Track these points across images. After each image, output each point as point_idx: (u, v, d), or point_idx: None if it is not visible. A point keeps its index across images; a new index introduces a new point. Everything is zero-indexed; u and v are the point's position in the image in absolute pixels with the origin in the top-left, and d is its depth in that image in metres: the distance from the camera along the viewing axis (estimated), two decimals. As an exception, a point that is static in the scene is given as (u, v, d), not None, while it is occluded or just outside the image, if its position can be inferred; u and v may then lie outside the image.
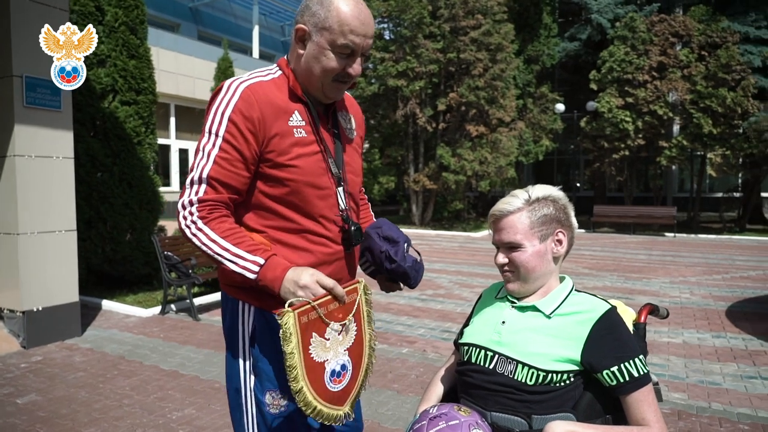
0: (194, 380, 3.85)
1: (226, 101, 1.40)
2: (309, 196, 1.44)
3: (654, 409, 1.30)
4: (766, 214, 18.81)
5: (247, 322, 1.48)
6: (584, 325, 1.36)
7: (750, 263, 9.72)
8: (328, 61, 1.40)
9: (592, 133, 16.11)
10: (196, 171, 1.40)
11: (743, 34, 15.21)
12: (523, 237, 1.41)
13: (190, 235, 1.38)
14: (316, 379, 1.28)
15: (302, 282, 1.30)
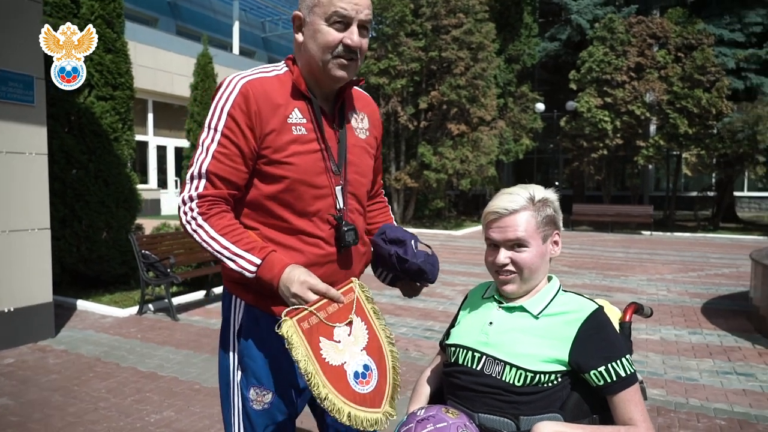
0: (173, 382, 3.78)
1: (226, 96, 1.40)
2: (304, 194, 1.42)
3: (641, 409, 1.30)
4: (738, 213, 19.26)
5: (237, 317, 1.49)
6: (572, 325, 1.35)
7: (723, 261, 9.94)
8: (323, 36, 1.38)
9: (571, 132, 16.29)
10: (195, 166, 1.40)
11: (718, 36, 15.52)
12: (530, 236, 1.38)
13: (191, 231, 1.39)
14: (340, 383, 1.24)
15: (292, 290, 1.29)
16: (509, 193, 1.43)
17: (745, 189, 21.17)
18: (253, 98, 1.38)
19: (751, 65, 15.54)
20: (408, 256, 1.51)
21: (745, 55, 15.42)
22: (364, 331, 1.34)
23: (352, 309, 1.34)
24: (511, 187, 1.46)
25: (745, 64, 15.52)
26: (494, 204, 1.42)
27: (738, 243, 13.04)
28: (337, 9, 1.36)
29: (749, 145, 14.26)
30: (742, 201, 21.03)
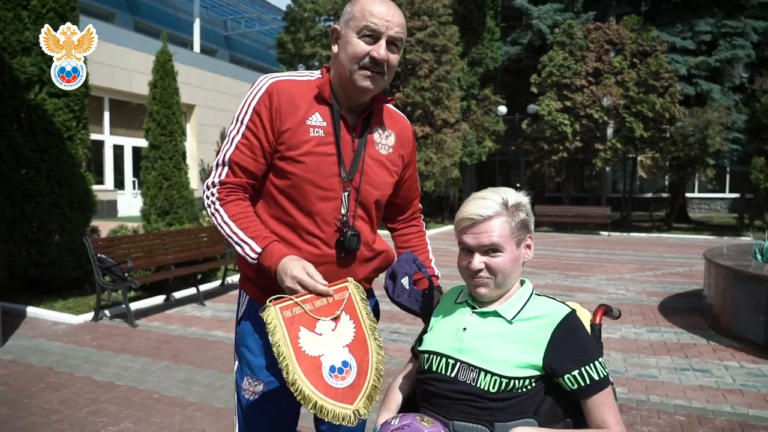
0: (131, 391, 3.63)
1: (254, 93, 1.52)
2: (308, 193, 1.51)
3: (614, 412, 1.30)
4: (690, 213, 20.05)
5: (241, 309, 1.63)
6: (545, 329, 1.34)
7: (677, 260, 10.30)
8: (352, 47, 1.47)
9: (532, 135, 16.61)
10: (221, 154, 1.52)
11: (670, 43, 16.11)
12: (504, 241, 1.37)
13: (210, 214, 1.52)
14: (312, 373, 1.26)
15: (285, 284, 1.38)
16: (482, 198, 1.41)
17: (695, 190, 22.06)
18: (277, 97, 1.49)
19: (701, 72, 16.20)
20: (393, 294, 1.57)
21: (695, 62, 16.06)
22: (351, 329, 1.36)
23: (341, 306, 1.37)
24: (483, 191, 1.44)
25: (696, 71, 16.16)
26: (468, 210, 1.39)
27: (690, 243, 13.56)
28: (368, 23, 1.46)
29: (700, 148, 14.86)
30: (693, 202, 21.90)
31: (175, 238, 6.51)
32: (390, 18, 1.46)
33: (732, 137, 15.52)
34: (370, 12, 1.45)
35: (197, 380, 3.83)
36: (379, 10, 1.46)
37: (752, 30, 16.07)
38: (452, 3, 16.12)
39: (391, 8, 1.49)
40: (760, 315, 4.55)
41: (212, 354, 4.43)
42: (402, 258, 1.65)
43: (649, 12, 17.86)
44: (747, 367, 4.19)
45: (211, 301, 6.44)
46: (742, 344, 4.72)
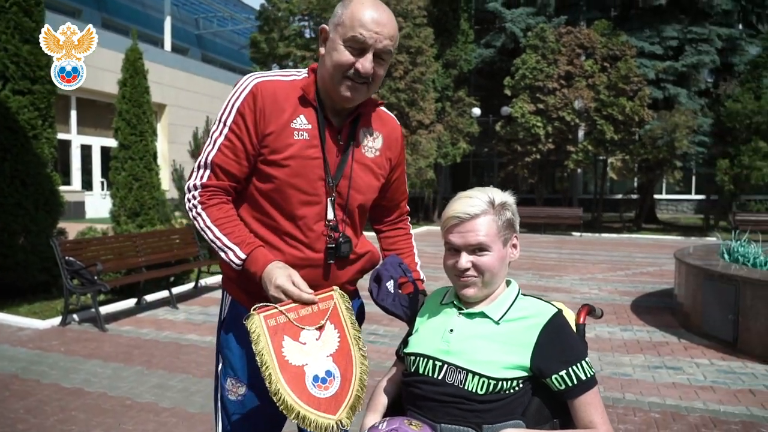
0: (101, 398, 3.52)
1: (238, 93, 1.47)
2: (291, 197, 1.48)
3: (600, 412, 1.30)
4: (658, 214, 20.54)
5: (224, 310, 1.62)
6: (532, 330, 1.33)
7: (647, 260, 10.53)
8: (338, 55, 1.41)
9: (506, 137, 16.79)
10: (203, 156, 1.49)
11: (639, 48, 16.47)
12: (491, 240, 1.35)
13: (192, 218, 1.49)
14: (295, 383, 1.26)
15: (270, 292, 1.37)
16: (469, 197, 1.39)
17: (663, 192, 22.61)
18: (261, 98, 1.45)
19: (669, 76, 16.62)
20: (377, 297, 1.55)
21: (663, 66, 16.46)
22: (335, 339, 1.35)
23: (326, 315, 1.35)
24: (469, 191, 1.42)
25: (664, 75, 16.57)
26: (455, 208, 1.37)
27: (659, 243, 13.89)
28: (356, 34, 1.39)
29: (668, 150, 15.23)
30: (661, 203, 22.44)
31: (147, 239, 6.36)
32: (380, 30, 1.39)
33: (698, 140, 15.95)
34: (360, 22, 1.38)
35: (171, 385, 3.74)
36: (369, 20, 1.38)
37: (716, 36, 16.56)
38: (427, 5, 16.18)
39: (383, 17, 1.41)
40: (728, 313, 4.66)
41: (186, 358, 4.32)
42: (387, 261, 1.63)
43: (618, 17, 18.24)
44: (717, 365, 4.29)
45: (185, 304, 6.30)
46: (711, 342, 4.83)
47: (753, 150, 15.15)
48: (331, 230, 1.51)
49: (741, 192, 16.38)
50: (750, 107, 15.17)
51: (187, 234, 7.08)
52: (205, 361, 4.25)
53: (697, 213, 21.55)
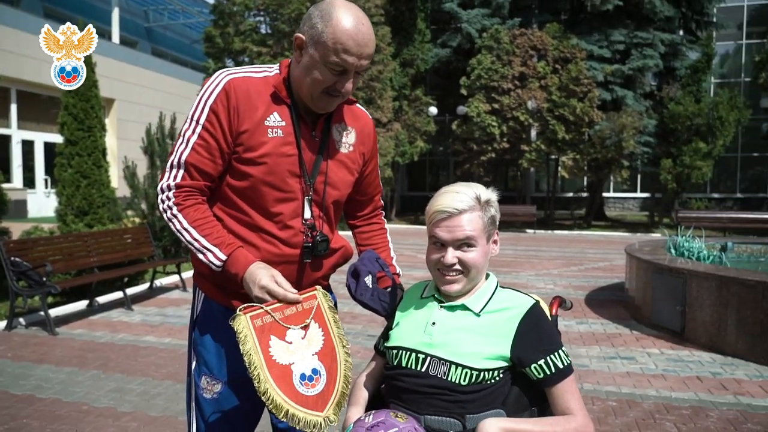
0: (56, 404, 3.37)
1: (210, 91, 1.45)
2: (265, 195, 1.46)
3: (577, 398, 1.34)
4: (606, 212, 21.34)
5: (196, 307, 1.59)
6: (512, 321, 1.36)
7: (598, 255, 10.93)
8: (318, 75, 1.40)
9: (462, 135, 17.04)
10: (175, 155, 1.45)
11: (589, 51, 17.04)
12: (478, 236, 1.37)
13: (167, 219, 1.46)
14: (283, 382, 1.26)
15: (254, 293, 1.36)
16: (456, 191, 1.39)
17: (611, 190, 23.51)
18: (234, 96, 1.43)
19: (617, 79, 17.26)
20: (356, 292, 1.54)
21: (611, 69, 17.09)
22: (320, 337, 1.36)
23: (311, 314, 1.36)
24: (454, 186, 1.42)
25: (612, 78, 17.20)
26: (442, 203, 1.37)
27: (608, 239, 14.43)
28: (339, 60, 1.37)
29: (616, 150, 15.84)
30: (609, 201, 23.33)
31: (98, 239, 6.12)
32: (361, 53, 1.37)
33: (643, 141, 16.65)
34: (344, 47, 1.35)
35: (130, 389, 3.61)
36: (354, 45, 1.35)
37: (660, 42, 17.32)
38: (384, 3, 16.23)
39: (365, 36, 1.37)
40: (676, 305, 4.90)
41: (144, 361, 4.19)
42: (364, 256, 1.63)
43: (568, 21, 18.80)
44: (667, 354, 4.51)
45: (139, 305, 6.10)
46: (661, 332, 5.08)
47: (693, 150, 15.97)
48: (309, 229, 1.51)
49: (683, 190, 17.23)
50: (691, 110, 15.97)
51: (141, 233, 6.86)
52: (165, 363, 4.13)
53: (643, 210, 22.52)
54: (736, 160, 22.54)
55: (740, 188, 22.94)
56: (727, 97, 16.34)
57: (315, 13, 1.40)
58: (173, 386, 3.66)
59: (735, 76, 23.11)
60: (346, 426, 1.34)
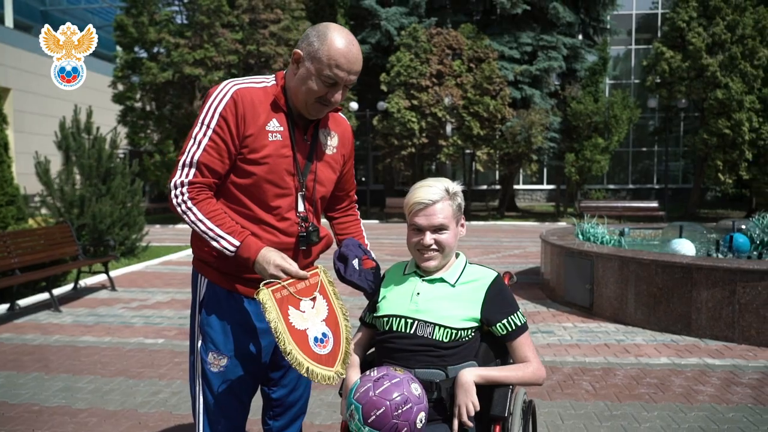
0: (3, 407, 3.31)
1: (219, 99, 1.64)
2: (267, 191, 1.67)
3: (532, 349, 1.69)
4: (517, 203, 22.74)
5: (200, 291, 1.76)
6: (480, 290, 1.69)
7: (513, 243, 11.76)
8: (313, 85, 1.62)
9: (383, 131, 17.48)
10: (187, 155, 1.62)
11: (500, 52, 18.07)
12: (449, 221, 1.68)
13: (181, 212, 1.62)
14: (302, 344, 1.51)
15: (270, 272, 1.56)
16: (429, 186, 1.70)
17: (521, 183, 25.04)
18: (241, 104, 1.63)
19: (525, 79, 18.45)
20: (345, 274, 1.76)
21: (520, 69, 18.24)
22: (325, 307, 1.61)
23: (316, 288, 1.61)
24: (426, 181, 1.73)
25: (521, 78, 18.36)
26: (419, 195, 1.67)
27: (520, 228, 15.48)
28: (332, 74, 1.59)
29: (525, 145, 16.98)
30: (519, 193, 24.85)
31: (17, 239, 5.84)
32: (351, 68, 1.60)
33: (550, 136, 17.96)
34: (336, 63, 1.57)
35: (80, 387, 3.60)
36: (345, 62, 1.58)
37: (563, 45, 18.71)
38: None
39: (355, 55, 1.60)
40: (585, 283, 5.55)
41: (89, 360, 4.14)
42: (348, 243, 1.86)
43: (480, 22, 19.79)
44: (579, 327, 5.12)
45: (67, 306, 5.89)
46: (573, 308, 5.71)
47: (593, 145, 17.47)
48: (302, 221, 1.73)
49: (584, 182, 18.79)
50: (590, 108, 17.45)
51: (63, 232, 6.59)
52: (111, 361, 4.12)
53: (549, 201, 24.23)
54: (628, 155, 24.84)
55: (632, 180, 25.31)
56: (621, 97, 18.02)
57: (312, 33, 1.63)
58: (126, 382, 3.69)
59: (626, 78, 25.40)
60: (350, 385, 1.60)
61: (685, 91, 17.04)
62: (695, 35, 16.63)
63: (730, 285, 4.53)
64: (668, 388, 3.59)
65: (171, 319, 5.34)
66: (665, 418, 3.14)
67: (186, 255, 9.91)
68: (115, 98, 15.51)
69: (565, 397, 3.46)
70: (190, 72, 13.62)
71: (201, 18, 13.76)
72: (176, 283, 7.24)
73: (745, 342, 4.47)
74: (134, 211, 8.89)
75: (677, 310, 4.80)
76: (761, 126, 16.46)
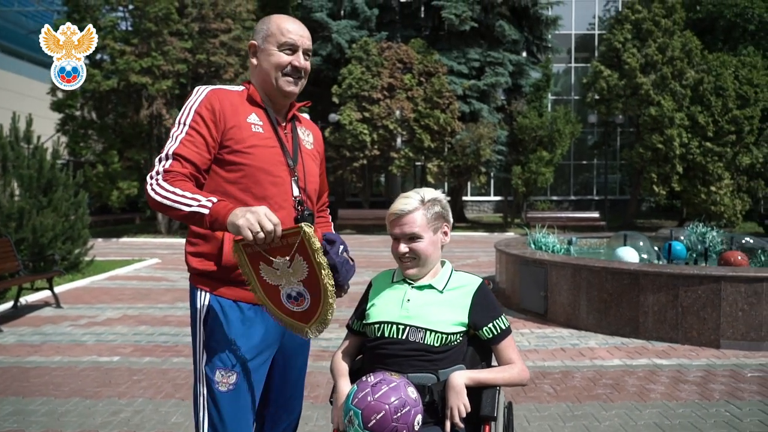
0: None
1: (194, 99, 1.70)
2: (262, 180, 1.69)
3: (516, 351, 1.78)
4: (466, 214, 23.24)
5: (202, 306, 1.71)
6: (468, 295, 1.76)
7: (465, 254, 12.01)
8: (277, 57, 1.72)
9: (335, 142, 17.50)
10: (164, 151, 1.64)
11: (449, 67, 18.53)
12: (422, 229, 1.74)
13: (152, 193, 1.56)
14: (272, 296, 1.57)
15: (254, 209, 1.46)
16: (406, 197, 1.78)
17: (469, 194, 25.62)
18: (218, 100, 1.69)
19: (473, 93, 18.96)
20: (331, 252, 1.72)
21: (468, 84, 18.75)
22: (304, 268, 1.50)
23: (293, 249, 1.48)
24: (407, 192, 1.82)
25: (469, 92, 18.87)
26: (394, 206, 1.76)
27: (470, 239, 15.82)
28: (287, 39, 1.73)
29: (474, 158, 17.43)
30: (468, 204, 25.40)
31: (-47, 255, 5.46)
32: (303, 33, 1.75)
33: (497, 149, 18.50)
34: (287, 29, 1.73)
35: (33, 410, 3.41)
36: (293, 28, 1.74)
37: (509, 61, 19.39)
38: (256, 9, 16.12)
39: (301, 24, 1.77)
40: (540, 291, 5.76)
41: (39, 381, 3.93)
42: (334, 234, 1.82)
43: (429, 37, 20.24)
44: (536, 332, 5.30)
45: (8, 325, 5.56)
46: (529, 315, 5.91)
47: (538, 158, 18.15)
48: (298, 204, 1.74)
49: (530, 193, 19.45)
50: (535, 123, 18.15)
51: (3, 247, 6.22)
52: (64, 381, 3.92)
53: (496, 212, 24.90)
54: (570, 167, 25.93)
55: (573, 191, 26.41)
56: (563, 113, 18.85)
57: (258, 25, 1.79)
58: (82, 402, 3.53)
59: (567, 94, 26.58)
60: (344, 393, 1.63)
61: (622, 107, 18.04)
62: (630, 55, 17.66)
63: (673, 290, 4.83)
64: (623, 388, 3.78)
65: (125, 336, 5.14)
66: (622, 416, 3.31)
67: (133, 269, 9.55)
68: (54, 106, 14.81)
69: (529, 400, 3.59)
70: (136, 80, 13.20)
71: (148, 25, 13.38)
72: (126, 298, 6.97)
73: (688, 342, 4.77)
74: (78, 224, 8.51)
75: (626, 314, 5.06)
76: (690, 141, 17.63)
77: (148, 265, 10.07)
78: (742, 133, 17.69)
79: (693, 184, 17.93)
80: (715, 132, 17.58)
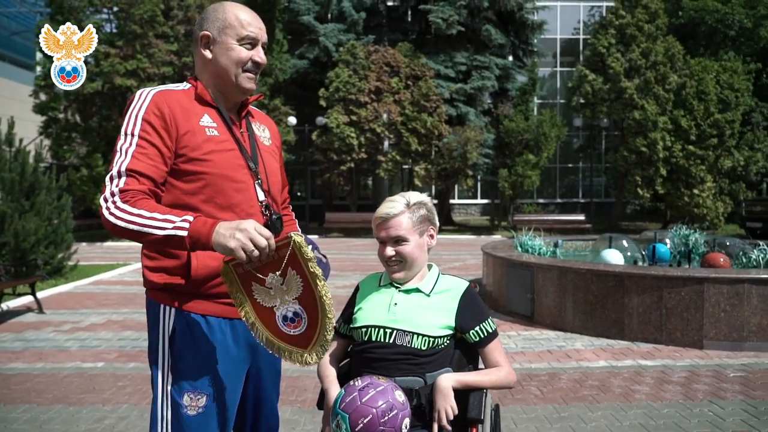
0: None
1: (139, 106, 1.52)
2: (225, 188, 1.55)
3: (503, 354, 1.79)
4: (453, 217, 23.33)
5: (167, 324, 1.55)
6: (454, 299, 1.77)
7: (452, 257, 12.05)
8: (237, 53, 1.58)
9: (322, 146, 17.49)
10: (115, 167, 1.46)
11: (436, 70, 18.62)
12: (408, 232, 1.74)
13: (111, 218, 1.39)
14: (268, 322, 1.45)
15: (242, 226, 1.34)
16: (391, 200, 1.78)
17: (456, 197, 25.71)
18: (166, 104, 1.52)
19: (460, 97, 19.09)
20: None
21: (455, 88, 18.86)
22: (299, 284, 1.41)
23: (284, 261, 1.38)
24: (393, 196, 1.82)
25: (456, 96, 18.98)
26: (380, 210, 1.76)
27: (457, 242, 15.89)
28: (248, 33, 1.59)
29: (461, 161, 17.52)
30: (455, 207, 25.49)
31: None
32: (260, 25, 1.62)
33: (484, 153, 18.62)
34: (247, 22, 1.58)
35: (14, 417, 3.36)
36: (252, 19, 1.60)
37: (495, 65, 19.54)
38: (242, 12, 16.07)
39: (256, 15, 1.64)
40: (526, 293, 5.80)
41: (21, 388, 3.87)
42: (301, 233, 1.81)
43: (416, 41, 20.33)
44: (522, 335, 5.33)
45: (-11, 331, 5.46)
46: (515, 317, 5.95)
47: (525, 161, 18.29)
48: (265, 209, 1.63)
49: (516, 196, 19.59)
50: (521, 126, 18.30)
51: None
52: (47, 388, 3.86)
53: (483, 215, 25.01)
54: (555, 170, 26.15)
55: (559, 194, 26.64)
56: (549, 116, 19.02)
57: (208, 14, 1.62)
58: (66, 409, 3.47)
59: (553, 97, 26.84)
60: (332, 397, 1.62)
61: (607, 111, 18.26)
62: (614, 60, 17.89)
63: (658, 291, 4.89)
64: (608, 389, 3.82)
65: (109, 341, 5.08)
66: (608, 417, 3.34)
67: (118, 274, 9.44)
68: (36, 108, 14.61)
69: (516, 402, 3.60)
70: (121, 83, 13.08)
71: (134, 28, 13.27)
72: (110, 303, 6.88)
73: (672, 343, 4.83)
74: (61, 228, 8.40)
75: (611, 316, 5.11)
76: (673, 145, 17.89)
77: (132, 269, 9.96)
78: (723, 137, 18.00)
79: (676, 187, 18.19)
80: (697, 135, 17.87)
